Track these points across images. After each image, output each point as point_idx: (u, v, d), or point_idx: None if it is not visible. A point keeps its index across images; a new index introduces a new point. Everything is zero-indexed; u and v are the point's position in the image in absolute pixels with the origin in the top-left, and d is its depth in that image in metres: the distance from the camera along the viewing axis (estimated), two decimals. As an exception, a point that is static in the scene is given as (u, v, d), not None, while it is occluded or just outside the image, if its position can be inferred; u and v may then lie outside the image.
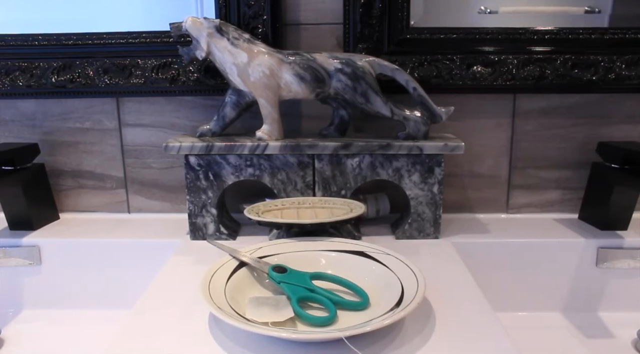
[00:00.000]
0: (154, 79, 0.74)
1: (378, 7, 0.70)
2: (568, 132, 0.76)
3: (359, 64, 0.64)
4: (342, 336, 0.39)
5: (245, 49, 0.65)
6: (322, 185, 0.67)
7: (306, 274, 0.50)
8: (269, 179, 0.67)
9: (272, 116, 0.67)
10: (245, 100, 0.68)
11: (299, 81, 0.65)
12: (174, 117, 0.78)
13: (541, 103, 0.76)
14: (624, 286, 0.69)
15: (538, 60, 0.72)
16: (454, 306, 0.48)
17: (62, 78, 0.74)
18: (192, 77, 0.73)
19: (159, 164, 0.79)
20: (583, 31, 0.71)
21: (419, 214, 0.67)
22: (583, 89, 0.73)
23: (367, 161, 0.66)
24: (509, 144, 0.77)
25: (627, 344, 0.62)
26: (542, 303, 0.69)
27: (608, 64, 0.71)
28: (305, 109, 0.77)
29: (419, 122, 0.66)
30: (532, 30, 0.72)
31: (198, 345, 0.42)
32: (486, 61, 0.72)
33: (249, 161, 0.66)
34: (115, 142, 0.79)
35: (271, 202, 0.66)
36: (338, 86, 0.65)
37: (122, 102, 0.77)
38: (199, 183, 0.66)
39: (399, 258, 0.52)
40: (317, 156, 0.66)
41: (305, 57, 0.65)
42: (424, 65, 0.72)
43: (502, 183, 0.79)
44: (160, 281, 0.55)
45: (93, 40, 0.74)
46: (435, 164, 0.66)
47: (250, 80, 0.65)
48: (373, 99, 0.65)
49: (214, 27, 0.64)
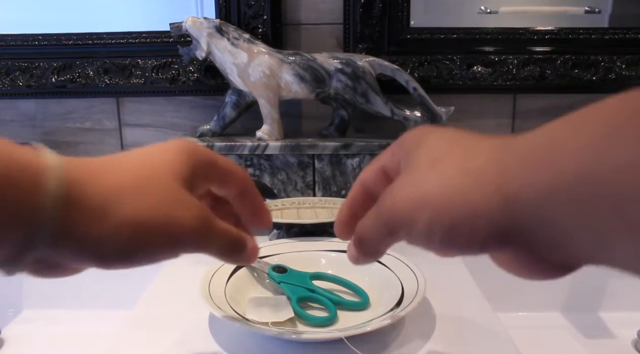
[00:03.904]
0: (154, 79, 0.74)
1: (378, 7, 0.70)
2: (568, 132, 0.76)
3: (359, 64, 0.64)
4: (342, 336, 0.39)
5: (246, 49, 0.65)
6: (322, 185, 0.67)
7: (306, 274, 0.50)
8: (269, 179, 0.67)
9: (272, 116, 0.67)
10: (245, 100, 0.68)
11: (299, 81, 0.65)
12: (174, 118, 0.78)
13: (541, 103, 0.76)
14: (624, 286, 0.69)
15: (538, 60, 0.72)
16: (454, 306, 0.48)
17: (62, 78, 0.74)
18: (192, 77, 0.73)
19: (159, 164, 0.79)
20: (583, 31, 0.71)
21: (419, 214, 0.67)
22: (583, 89, 0.73)
23: (368, 161, 0.66)
24: (509, 144, 0.77)
25: (627, 344, 0.62)
26: (542, 303, 0.69)
27: (608, 64, 0.71)
28: (305, 109, 0.77)
29: (419, 122, 0.66)
30: (532, 31, 0.72)
31: (198, 345, 0.42)
32: (486, 61, 0.72)
33: (249, 161, 0.66)
34: (116, 142, 0.79)
35: (271, 202, 0.66)
36: (338, 86, 0.65)
37: (122, 102, 0.77)
38: (199, 183, 0.66)
39: (399, 258, 0.52)
40: (317, 156, 0.66)
41: (306, 57, 0.65)
42: (424, 65, 0.72)
43: (502, 183, 0.79)
44: (161, 281, 0.55)
45: (93, 40, 0.74)
46: (435, 164, 0.66)
47: (250, 81, 0.65)
48: (373, 99, 0.65)
49: (214, 27, 0.64)
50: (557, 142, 0.18)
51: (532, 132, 0.20)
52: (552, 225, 0.18)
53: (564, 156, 0.17)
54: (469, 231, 0.21)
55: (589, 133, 0.17)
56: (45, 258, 0.23)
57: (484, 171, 0.21)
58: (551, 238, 0.19)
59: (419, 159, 0.24)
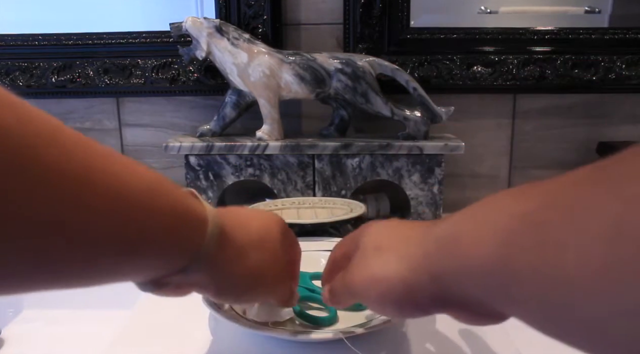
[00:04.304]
0: (154, 79, 0.74)
1: (378, 7, 0.70)
2: (568, 133, 0.76)
3: (359, 64, 0.64)
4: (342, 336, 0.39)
5: (246, 49, 0.65)
6: (322, 185, 0.67)
7: (306, 274, 0.50)
8: (269, 179, 0.67)
9: (272, 116, 0.67)
10: (245, 100, 0.68)
11: (299, 81, 0.65)
12: (174, 117, 0.78)
13: (541, 103, 0.76)
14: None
15: (538, 60, 0.72)
16: (454, 306, 0.48)
17: (62, 78, 0.74)
18: (192, 77, 0.73)
19: (159, 164, 0.79)
20: (583, 31, 0.71)
21: (419, 214, 0.67)
22: (583, 89, 0.73)
23: (367, 161, 0.66)
24: (509, 144, 0.77)
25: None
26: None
27: (608, 64, 0.71)
28: (305, 109, 0.77)
29: (419, 122, 0.66)
30: (532, 30, 0.72)
31: (198, 345, 0.42)
32: (486, 61, 0.72)
33: (249, 161, 0.66)
34: (116, 142, 0.79)
35: (271, 202, 0.66)
36: (338, 86, 0.65)
37: (122, 102, 0.77)
38: (199, 183, 0.66)
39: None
40: (317, 156, 0.66)
41: (306, 57, 0.65)
42: (424, 65, 0.72)
43: (502, 183, 0.79)
44: (160, 281, 0.55)
45: (93, 40, 0.74)
46: (435, 164, 0.66)
47: (250, 81, 0.65)
48: (373, 99, 0.65)
49: (214, 27, 0.64)
50: (461, 235, 0.23)
51: (445, 222, 0.25)
52: (469, 294, 0.23)
53: (465, 246, 0.22)
54: (411, 303, 0.27)
55: (484, 229, 0.21)
56: (183, 282, 0.29)
57: (414, 256, 0.27)
58: (474, 302, 0.24)
59: (365, 246, 0.31)
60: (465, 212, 0.24)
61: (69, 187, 0.20)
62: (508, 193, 0.22)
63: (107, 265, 0.23)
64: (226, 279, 0.31)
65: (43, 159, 0.19)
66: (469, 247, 0.22)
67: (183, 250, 0.27)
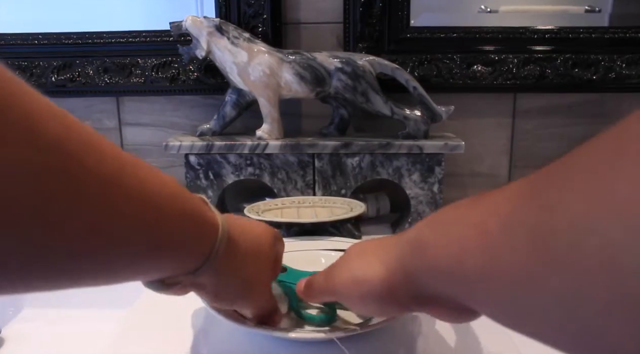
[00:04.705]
0: (154, 78, 0.74)
1: (378, 6, 0.70)
2: (568, 132, 0.76)
3: (359, 63, 0.64)
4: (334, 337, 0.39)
5: (246, 48, 0.65)
6: (322, 184, 0.67)
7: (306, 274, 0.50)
8: (269, 178, 0.67)
9: (272, 115, 0.67)
10: (245, 99, 0.68)
11: (299, 80, 0.65)
12: (174, 117, 0.78)
13: (541, 102, 0.76)
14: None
15: (538, 59, 0.72)
16: (454, 306, 0.48)
17: (62, 77, 0.74)
18: (192, 77, 0.73)
19: (159, 163, 0.79)
20: (583, 30, 0.71)
21: (419, 214, 0.67)
22: (583, 88, 0.73)
23: (367, 160, 0.66)
24: (509, 143, 0.77)
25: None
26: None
27: (608, 63, 0.71)
28: (305, 108, 0.77)
29: (419, 122, 0.66)
30: (532, 30, 0.72)
31: (197, 344, 0.42)
32: (486, 60, 0.72)
33: (249, 160, 0.66)
34: (115, 141, 0.79)
35: (271, 202, 0.66)
36: (338, 85, 0.65)
37: (122, 102, 0.77)
38: (199, 182, 0.66)
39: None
40: (317, 155, 0.66)
41: (306, 56, 0.65)
42: (424, 65, 0.72)
43: (503, 182, 0.79)
44: (160, 280, 0.55)
45: (93, 40, 0.74)
46: (435, 164, 0.66)
47: (250, 80, 0.65)
48: (373, 98, 0.65)
49: (214, 26, 0.64)
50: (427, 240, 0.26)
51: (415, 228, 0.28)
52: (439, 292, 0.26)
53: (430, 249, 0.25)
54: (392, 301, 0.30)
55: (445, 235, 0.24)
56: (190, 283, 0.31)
57: (392, 260, 0.29)
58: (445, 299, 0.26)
59: (349, 252, 0.35)
60: (432, 219, 0.27)
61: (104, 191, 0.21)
62: (465, 203, 0.24)
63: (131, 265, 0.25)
64: (226, 283, 0.34)
65: (85, 164, 0.20)
66: (432, 251, 0.25)
67: (198, 252, 0.30)
